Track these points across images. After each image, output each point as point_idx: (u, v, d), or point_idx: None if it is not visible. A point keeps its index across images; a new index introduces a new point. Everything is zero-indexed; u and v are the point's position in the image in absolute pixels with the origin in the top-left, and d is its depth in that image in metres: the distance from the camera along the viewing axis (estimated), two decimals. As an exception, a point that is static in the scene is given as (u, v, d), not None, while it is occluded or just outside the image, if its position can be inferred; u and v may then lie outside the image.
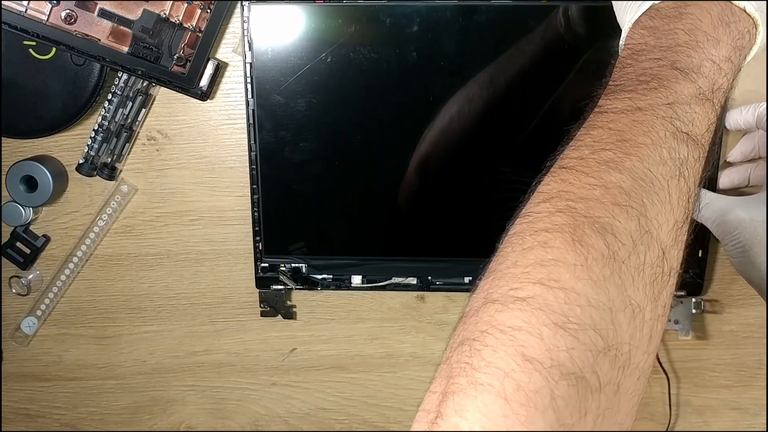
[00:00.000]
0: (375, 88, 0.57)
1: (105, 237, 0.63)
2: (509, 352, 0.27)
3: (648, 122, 0.32)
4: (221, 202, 0.62)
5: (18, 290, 0.65)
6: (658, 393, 0.68)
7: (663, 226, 0.31)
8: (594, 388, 0.27)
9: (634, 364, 0.29)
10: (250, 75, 0.56)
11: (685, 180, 0.32)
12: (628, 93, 0.33)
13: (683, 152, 0.32)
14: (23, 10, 0.52)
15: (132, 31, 0.54)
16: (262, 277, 0.62)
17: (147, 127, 0.60)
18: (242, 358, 0.67)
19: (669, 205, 0.31)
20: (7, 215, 0.61)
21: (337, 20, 0.55)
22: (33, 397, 0.69)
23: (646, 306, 0.29)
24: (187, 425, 0.69)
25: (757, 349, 0.66)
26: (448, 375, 0.28)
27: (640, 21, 0.37)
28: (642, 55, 0.35)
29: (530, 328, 0.27)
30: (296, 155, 0.58)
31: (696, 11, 0.35)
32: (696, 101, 0.33)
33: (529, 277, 0.28)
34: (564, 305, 0.27)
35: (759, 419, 0.68)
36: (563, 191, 0.31)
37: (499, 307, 0.28)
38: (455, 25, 0.55)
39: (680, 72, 0.33)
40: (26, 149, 0.61)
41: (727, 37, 0.35)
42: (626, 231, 0.29)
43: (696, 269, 0.61)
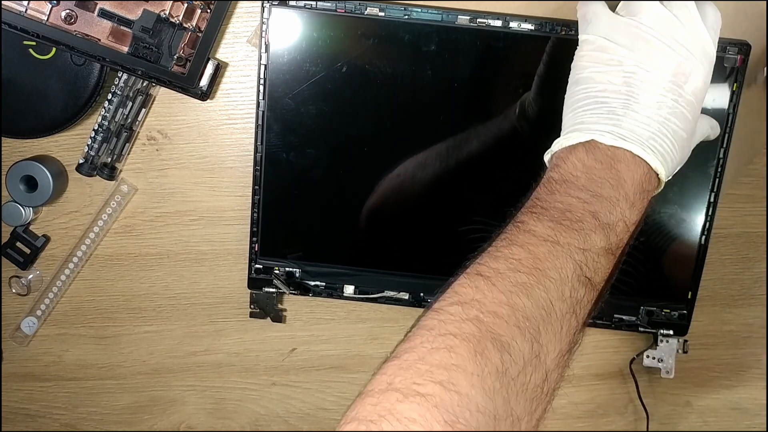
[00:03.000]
0: (387, 102, 0.57)
1: (105, 237, 0.63)
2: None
3: (562, 259, 0.37)
4: (221, 202, 0.62)
5: (18, 290, 0.65)
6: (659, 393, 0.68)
7: (550, 354, 0.36)
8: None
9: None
10: (264, 77, 0.56)
11: (576, 317, 0.37)
12: (552, 222, 0.38)
13: (581, 293, 0.37)
14: (23, 10, 0.52)
15: (132, 31, 0.54)
16: (255, 278, 0.62)
17: (147, 127, 0.60)
18: (242, 358, 0.67)
19: (559, 336, 0.36)
20: (7, 215, 0.61)
21: (356, 32, 0.55)
22: (33, 397, 0.69)
23: (523, 418, 0.34)
24: (187, 425, 0.69)
25: (757, 349, 0.66)
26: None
27: (577, 149, 0.42)
28: (572, 189, 0.40)
29: (424, 422, 0.31)
30: (301, 161, 0.58)
31: (623, 170, 0.41)
32: (604, 253, 0.39)
33: (432, 376, 0.32)
34: (456, 407, 0.31)
35: (759, 419, 0.69)
36: (476, 300, 0.35)
37: (400, 397, 0.32)
38: (473, 49, 0.55)
39: (599, 224, 0.39)
40: (26, 149, 0.61)
41: (641, 204, 0.41)
42: (520, 352, 0.34)
43: (683, 310, 0.61)
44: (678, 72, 0.42)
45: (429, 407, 0.31)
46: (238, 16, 0.57)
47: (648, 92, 0.42)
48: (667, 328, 0.62)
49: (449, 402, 0.31)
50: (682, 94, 0.42)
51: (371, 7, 0.54)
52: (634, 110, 0.42)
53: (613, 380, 0.67)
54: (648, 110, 0.42)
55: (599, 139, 0.41)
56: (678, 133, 0.42)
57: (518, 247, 0.38)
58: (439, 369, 0.32)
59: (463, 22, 0.54)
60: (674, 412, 0.68)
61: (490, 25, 0.54)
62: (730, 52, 0.54)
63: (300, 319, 0.65)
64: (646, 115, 0.42)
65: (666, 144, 0.42)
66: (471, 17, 0.54)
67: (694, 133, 0.45)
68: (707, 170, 0.57)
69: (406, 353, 0.34)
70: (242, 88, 0.59)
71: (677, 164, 0.44)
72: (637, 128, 0.42)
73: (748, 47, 0.54)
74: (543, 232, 0.38)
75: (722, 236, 0.62)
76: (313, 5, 0.55)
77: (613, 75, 0.43)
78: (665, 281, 0.61)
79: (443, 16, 0.54)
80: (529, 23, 0.54)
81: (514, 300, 0.35)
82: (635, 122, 0.42)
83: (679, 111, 0.42)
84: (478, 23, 0.55)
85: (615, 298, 0.61)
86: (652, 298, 0.61)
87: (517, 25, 0.54)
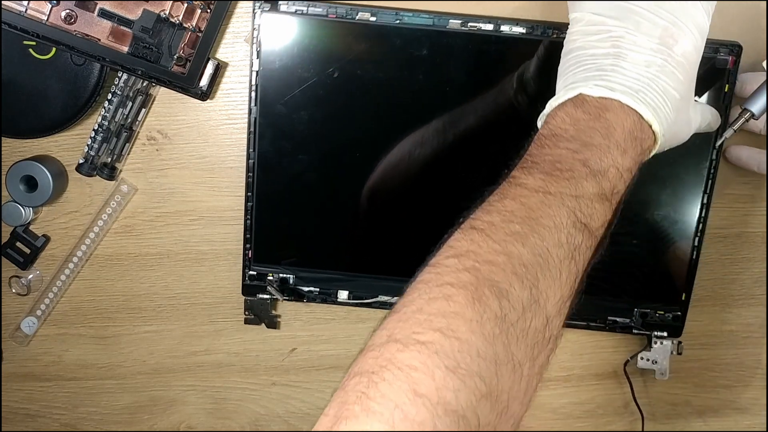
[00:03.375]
0: (379, 107, 0.57)
1: (105, 237, 0.63)
2: (403, 388, 0.30)
3: (555, 207, 0.37)
4: (221, 202, 0.62)
5: (18, 290, 0.65)
6: (658, 393, 0.68)
7: (550, 299, 0.35)
8: (473, 426, 0.31)
9: (510, 412, 0.33)
10: (256, 83, 0.56)
11: (576, 263, 0.37)
12: (542, 174, 0.38)
13: (579, 239, 0.37)
14: (23, 10, 0.52)
15: (132, 31, 0.54)
16: (249, 284, 0.62)
17: (147, 127, 0.60)
18: (242, 358, 0.67)
19: (558, 282, 0.36)
20: (7, 215, 0.61)
21: (348, 37, 0.55)
22: (33, 397, 0.69)
23: (525, 363, 0.34)
24: (187, 425, 0.69)
25: (757, 349, 0.66)
26: (343, 401, 0.31)
27: (566, 104, 0.42)
28: (561, 141, 0.40)
29: (425, 369, 0.31)
30: (294, 166, 0.58)
31: (613, 118, 0.40)
32: (597, 199, 0.38)
33: (431, 324, 0.32)
34: (457, 353, 0.32)
35: (759, 419, 0.69)
36: (471, 251, 0.35)
37: (401, 347, 0.32)
38: (464, 53, 0.55)
39: (590, 171, 0.39)
40: (26, 149, 0.61)
41: (633, 150, 0.41)
42: (519, 298, 0.34)
43: (677, 311, 0.61)
44: (665, 35, 0.42)
45: (429, 354, 0.31)
46: (238, 16, 0.57)
47: (636, 53, 0.42)
48: (661, 329, 0.62)
49: (449, 348, 0.32)
50: (672, 55, 0.42)
51: (362, 12, 0.54)
52: (623, 67, 0.42)
53: (613, 380, 0.67)
54: (636, 68, 0.42)
55: (587, 92, 0.41)
56: (669, 92, 0.42)
57: (510, 200, 0.38)
58: (438, 317, 0.33)
59: (454, 27, 0.54)
60: (674, 412, 0.68)
61: (481, 29, 0.54)
62: (721, 54, 0.54)
63: (300, 319, 0.65)
64: (634, 72, 0.42)
65: (657, 98, 0.42)
66: (462, 21, 0.54)
67: (688, 98, 0.45)
68: (700, 172, 0.57)
69: (405, 306, 0.34)
70: (242, 88, 0.58)
71: (672, 124, 0.43)
72: (626, 81, 0.41)
73: (739, 48, 0.54)
74: (534, 184, 0.38)
75: (722, 236, 0.62)
76: (304, 11, 0.54)
77: (602, 41, 0.43)
78: (659, 283, 0.61)
79: (434, 20, 0.54)
80: (521, 26, 0.54)
81: (510, 248, 0.35)
82: (623, 77, 0.41)
83: (669, 70, 0.42)
84: (469, 27, 0.54)
85: (609, 300, 0.61)
86: (646, 300, 0.61)
87: (509, 28, 0.54)
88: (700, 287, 0.62)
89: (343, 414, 0.31)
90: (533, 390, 0.35)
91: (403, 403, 0.30)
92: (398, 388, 0.30)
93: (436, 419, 0.30)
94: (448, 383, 0.31)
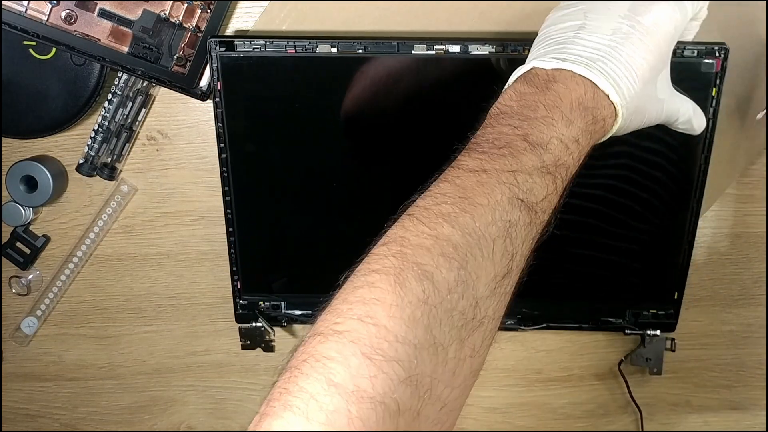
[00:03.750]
0: (349, 136, 0.56)
1: (105, 237, 0.63)
2: (318, 378, 0.31)
3: (489, 185, 0.36)
4: (221, 202, 0.61)
5: (18, 290, 0.65)
6: (658, 393, 0.68)
7: (481, 279, 0.35)
8: (393, 411, 0.31)
9: (435, 395, 0.33)
10: (222, 123, 0.55)
11: (512, 240, 0.36)
12: (480, 154, 0.37)
13: (515, 216, 0.36)
14: (23, 10, 0.52)
15: (132, 31, 0.54)
16: (242, 313, 0.62)
17: (147, 127, 0.60)
18: (242, 358, 0.67)
19: (491, 261, 0.35)
20: (7, 215, 0.61)
21: (310, 71, 0.53)
22: (33, 397, 0.69)
23: (450, 345, 0.33)
24: (187, 425, 0.69)
25: (757, 349, 0.66)
26: (270, 398, 0.32)
27: (518, 81, 0.41)
28: (504, 118, 0.39)
29: (341, 358, 0.31)
30: (273, 198, 0.58)
31: (560, 89, 0.39)
32: (538, 173, 0.37)
33: (351, 313, 0.32)
34: (374, 339, 0.31)
35: (759, 419, 0.69)
36: (401, 237, 0.35)
37: (321, 339, 0.32)
38: (437, 79, 0.53)
39: (529, 145, 0.37)
40: (26, 149, 0.60)
41: (582, 120, 0.39)
42: (444, 280, 0.33)
43: (670, 309, 0.61)
44: (637, 4, 0.41)
45: (345, 342, 0.31)
46: (238, 16, 0.57)
47: (602, 20, 0.41)
48: (654, 327, 0.62)
49: (366, 335, 0.32)
50: (641, 21, 0.41)
51: (323, 44, 0.52)
52: (583, 38, 0.41)
53: (612, 380, 0.67)
54: (599, 36, 0.40)
55: (539, 65, 0.40)
56: (635, 60, 0.40)
57: (445, 182, 0.37)
58: (359, 305, 0.33)
59: (420, 51, 0.52)
60: (674, 412, 0.68)
61: (448, 51, 0.52)
62: (706, 57, 0.52)
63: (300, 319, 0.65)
64: (595, 41, 0.40)
65: (618, 68, 0.40)
66: (428, 45, 0.52)
67: (660, 71, 0.43)
68: (690, 175, 0.56)
69: (334, 299, 0.34)
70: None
71: (636, 96, 0.41)
72: (583, 52, 0.40)
73: (726, 50, 0.52)
74: (471, 164, 0.37)
75: (722, 236, 0.62)
76: (261, 48, 0.53)
77: (573, 15, 0.42)
78: (651, 283, 0.61)
79: (399, 46, 0.52)
80: (489, 45, 0.52)
81: (439, 230, 0.35)
82: (582, 47, 0.40)
83: (636, 38, 0.40)
84: (436, 50, 0.52)
85: (601, 301, 0.61)
86: (639, 300, 0.61)
87: (476, 48, 0.52)
88: (700, 287, 0.62)
89: (266, 411, 0.31)
90: (467, 372, 0.35)
91: (317, 393, 0.30)
92: (315, 380, 0.31)
93: (351, 406, 0.30)
94: (363, 370, 0.31)
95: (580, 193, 0.56)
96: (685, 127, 0.49)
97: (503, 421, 0.69)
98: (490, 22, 0.55)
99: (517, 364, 0.67)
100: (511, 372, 0.67)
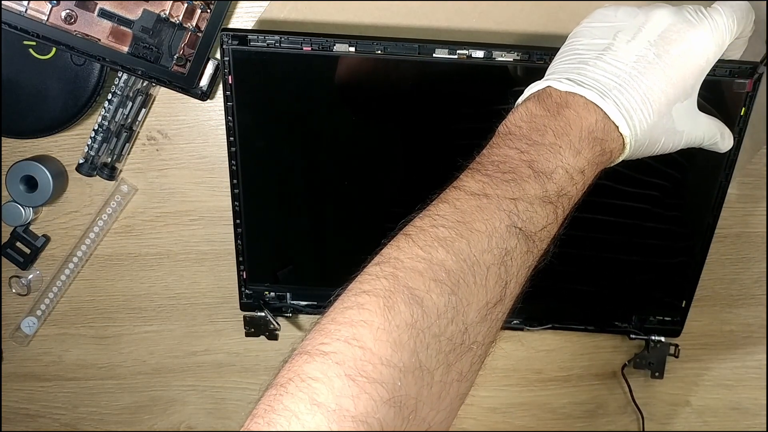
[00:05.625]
0: (362, 135, 0.56)
1: (105, 237, 0.63)
2: (303, 398, 0.31)
3: (489, 210, 0.36)
4: (221, 202, 0.62)
5: (18, 290, 0.65)
6: (658, 393, 0.68)
7: (472, 305, 0.34)
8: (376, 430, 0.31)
9: (420, 417, 0.33)
10: (233, 117, 0.55)
11: (506, 268, 0.35)
12: (483, 176, 0.37)
13: (512, 244, 0.36)
14: (23, 10, 0.52)
15: (132, 31, 0.54)
16: (246, 302, 0.62)
17: (147, 127, 0.60)
18: (242, 358, 0.67)
19: (484, 288, 0.35)
20: (7, 215, 0.61)
21: (326, 70, 0.52)
22: (33, 397, 0.69)
23: (436, 369, 0.33)
24: (187, 425, 0.69)
25: (757, 349, 0.66)
26: (254, 414, 0.32)
27: (530, 100, 0.40)
28: (512, 140, 0.38)
29: (325, 379, 0.31)
30: (281, 192, 0.58)
31: (571, 116, 0.38)
32: (539, 202, 0.36)
33: (338, 334, 0.33)
34: (359, 361, 0.32)
35: (759, 419, 0.69)
36: (395, 258, 0.35)
37: (307, 358, 0.32)
38: (449, 82, 0.52)
39: (534, 173, 0.37)
40: (26, 149, 0.61)
41: (589, 151, 0.38)
42: (434, 305, 0.33)
43: (677, 317, 0.61)
44: (671, 30, 0.40)
45: (330, 364, 0.32)
46: (238, 16, 0.57)
47: (630, 44, 0.40)
48: (659, 334, 0.62)
49: (351, 357, 0.32)
50: (669, 51, 0.39)
51: (341, 43, 0.51)
52: (606, 61, 0.39)
53: (612, 380, 0.67)
54: (622, 62, 0.39)
55: (554, 85, 0.39)
56: (653, 92, 0.39)
57: (445, 203, 0.37)
58: (346, 326, 0.33)
59: (441, 55, 0.51)
60: (674, 412, 0.68)
61: (471, 56, 0.51)
62: (739, 78, 0.51)
63: (300, 319, 0.65)
64: (616, 66, 0.39)
65: (634, 99, 0.39)
66: (450, 49, 0.51)
67: (678, 100, 0.41)
68: (710, 191, 0.55)
69: (324, 317, 0.34)
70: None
71: (651, 131, 0.40)
72: (601, 77, 0.39)
73: (759, 72, 0.50)
74: (473, 187, 0.37)
75: (722, 236, 0.62)
76: (276, 43, 0.51)
77: (604, 30, 0.41)
78: (659, 291, 0.61)
79: (419, 49, 0.51)
80: (514, 53, 0.50)
81: (433, 254, 0.34)
82: (601, 71, 0.39)
83: (659, 68, 0.39)
84: (458, 55, 0.51)
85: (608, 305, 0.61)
86: (646, 307, 0.61)
87: (501, 55, 0.50)
88: (700, 287, 0.62)
89: (250, 427, 0.32)
90: (453, 395, 0.34)
91: (300, 412, 0.31)
92: (299, 399, 0.31)
93: (333, 425, 0.30)
94: (345, 391, 0.31)
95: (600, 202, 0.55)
96: (711, 147, 0.47)
97: (503, 421, 0.69)
98: (490, 21, 0.54)
99: (517, 364, 0.67)
100: (511, 372, 0.67)
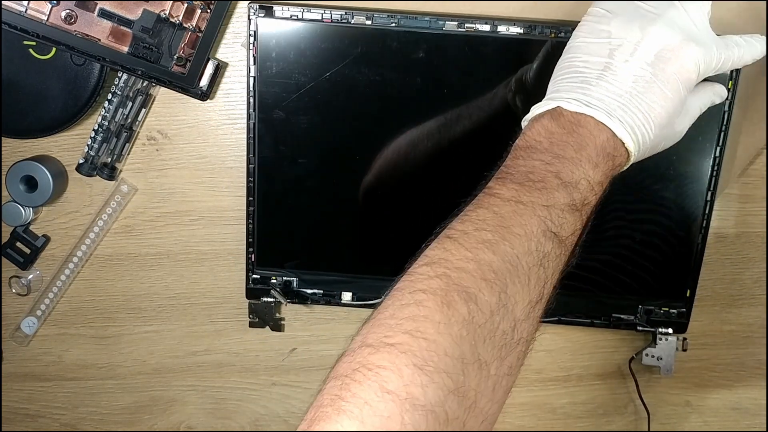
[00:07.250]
0: (377, 110, 0.57)
1: (105, 237, 0.63)
2: (372, 386, 0.32)
3: (526, 216, 0.38)
4: (221, 202, 0.62)
5: (18, 290, 0.65)
6: (659, 393, 0.68)
7: (518, 304, 0.37)
8: (442, 421, 0.32)
9: (479, 408, 0.35)
10: (253, 88, 0.56)
11: (545, 270, 0.38)
12: (515, 185, 0.40)
13: (548, 247, 0.38)
14: (23, 10, 0.52)
15: (132, 31, 0.54)
16: (253, 288, 0.62)
17: (147, 127, 0.60)
18: (242, 358, 0.67)
19: (527, 288, 0.37)
20: (7, 215, 0.61)
21: (344, 41, 0.55)
22: (33, 397, 0.69)
23: (492, 363, 0.35)
24: (187, 425, 0.69)
25: (757, 349, 0.66)
26: (319, 404, 0.33)
27: (543, 116, 0.43)
28: (535, 153, 0.41)
29: (393, 367, 0.32)
30: (294, 170, 0.58)
31: (586, 134, 0.41)
32: (568, 210, 0.40)
33: (401, 327, 0.34)
34: (425, 352, 0.33)
35: (759, 419, 0.69)
36: (443, 259, 0.37)
37: (372, 350, 0.34)
38: (461, 54, 0.55)
39: (561, 183, 0.40)
40: (26, 149, 0.61)
41: (605, 165, 0.42)
42: (487, 302, 0.36)
43: (682, 308, 0.61)
44: (666, 49, 0.43)
45: (398, 354, 0.33)
46: (238, 16, 0.57)
47: (628, 64, 0.42)
48: (665, 326, 0.62)
49: (417, 347, 0.33)
50: (664, 70, 0.42)
51: (358, 15, 0.54)
52: (608, 81, 0.42)
53: (613, 380, 0.67)
54: (622, 83, 0.42)
55: (564, 106, 0.42)
56: (653, 110, 0.42)
57: (483, 209, 0.39)
58: (408, 321, 0.34)
59: (451, 28, 0.54)
60: (674, 412, 0.68)
61: (478, 30, 0.54)
62: None
63: (300, 319, 0.65)
64: (618, 87, 0.42)
65: (636, 117, 0.42)
66: (459, 23, 0.54)
67: (676, 113, 0.45)
68: (704, 168, 0.57)
69: (379, 313, 0.36)
70: (242, 88, 0.58)
71: (653, 141, 0.44)
72: (606, 97, 0.42)
73: None
74: (507, 194, 0.39)
75: (722, 236, 0.62)
76: (300, 15, 0.54)
77: (600, 47, 0.43)
78: (663, 280, 0.61)
79: (431, 22, 0.54)
80: (518, 27, 0.54)
81: (480, 256, 0.37)
82: (605, 92, 0.42)
83: (657, 87, 0.42)
84: (466, 28, 0.54)
85: (613, 297, 0.61)
86: (651, 297, 0.61)
87: (506, 29, 0.54)
88: (700, 287, 0.62)
89: (317, 416, 0.33)
90: (504, 388, 0.36)
91: (371, 399, 0.32)
92: (368, 387, 0.32)
93: (404, 413, 0.31)
94: (415, 379, 0.32)
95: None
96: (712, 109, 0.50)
97: (503, 421, 0.69)
98: (498, 7, 0.55)
99: (517, 364, 0.67)
100: (511, 372, 0.67)
